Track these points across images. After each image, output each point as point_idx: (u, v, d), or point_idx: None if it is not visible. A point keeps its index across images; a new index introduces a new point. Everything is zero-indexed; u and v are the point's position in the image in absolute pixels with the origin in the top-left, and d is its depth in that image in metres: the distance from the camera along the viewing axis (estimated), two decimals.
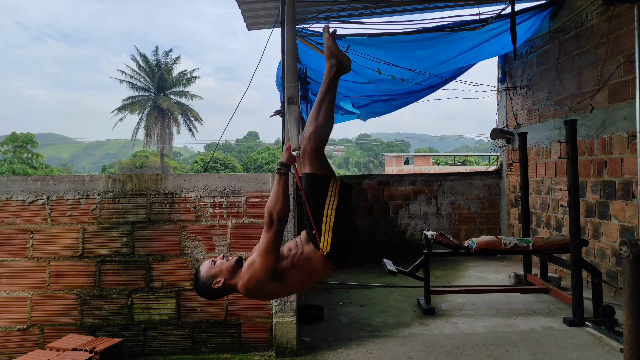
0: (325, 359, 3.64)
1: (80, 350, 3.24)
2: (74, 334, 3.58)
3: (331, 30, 2.40)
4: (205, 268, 2.31)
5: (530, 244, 4.88)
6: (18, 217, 3.66)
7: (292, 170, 2.44)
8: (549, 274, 5.64)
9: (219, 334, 3.74)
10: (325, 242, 2.23)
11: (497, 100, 8.14)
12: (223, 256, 2.34)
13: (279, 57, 5.10)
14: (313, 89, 7.06)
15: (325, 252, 2.23)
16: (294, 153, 2.38)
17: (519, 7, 5.84)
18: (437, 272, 6.57)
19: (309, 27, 6.06)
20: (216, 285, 2.25)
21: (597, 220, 5.41)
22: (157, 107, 44.94)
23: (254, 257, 2.23)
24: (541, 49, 6.68)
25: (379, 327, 4.37)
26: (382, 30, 6.04)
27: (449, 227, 7.92)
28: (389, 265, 4.90)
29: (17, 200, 3.66)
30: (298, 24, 5.96)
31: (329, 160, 2.42)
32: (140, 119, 45.33)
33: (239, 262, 2.30)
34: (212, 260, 2.32)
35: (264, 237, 2.21)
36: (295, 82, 2.52)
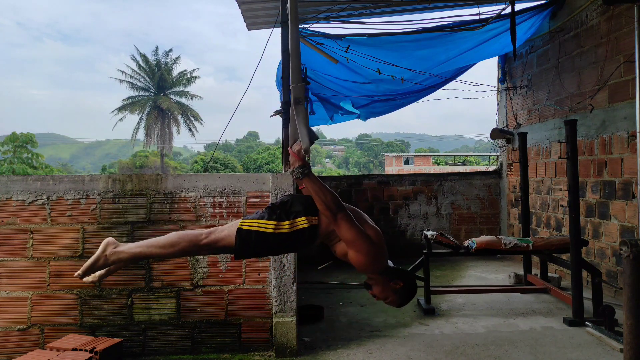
0: (325, 359, 3.64)
1: (80, 350, 3.24)
2: (74, 334, 3.58)
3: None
4: (400, 294, 2.48)
5: (530, 244, 4.88)
6: (18, 217, 3.65)
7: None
8: (549, 274, 5.65)
9: (219, 334, 3.74)
10: (302, 223, 2.44)
11: (497, 100, 8.14)
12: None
13: (279, 57, 5.10)
14: (313, 89, 7.06)
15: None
16: (304, 152, 2.42)
17: (519, 7, 5.84)
18: (437, 272, 6.57)
19: (309, 27, 6.06)
20: (398, 286, 2.44)
21: (597, 220, 5.41)
22: (157, 107, 44.93)
23: (352, 251, 2.36)
24: (541, 49, 6.68)
25: (379, 327, 4.37)
26: (382, 30, 6.04)
27: (449, 227, 7.92)
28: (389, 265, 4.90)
29: (17, 200, 3.66)
30: (298, 24, 5.95)
31: (214, 227, 2.60)
32: (140, 119, 45.34)
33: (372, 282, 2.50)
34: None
35: (341, 229, 2.34)
36: (301, 83, 2.53)
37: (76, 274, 2.52)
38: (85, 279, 2.59)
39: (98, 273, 2.60)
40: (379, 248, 2.39)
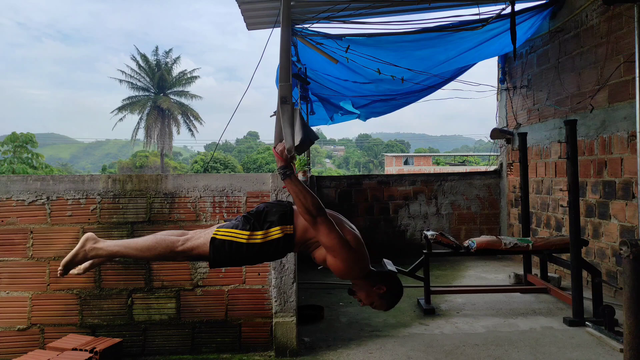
0: (325, 359, 3.64)
1: (80, 350, 3.24)
2: (74, 334, 3.58)
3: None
4: (384, 298, 2.51)
5: (530, 244, 4.88)
6: (18, 217, 3.65)
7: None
8: (549, 274, 5.64)
9: (219, 334, 3.74)
10: (275, 233, 2.43)
11: (497, 100, 8.14)
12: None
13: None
14: (313, 89, 7.06)
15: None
16: (287, 153, 2.40)
17: (519, 7, 5.84)
18: (437, 272, 6.57)
19: (309, 27, 6.06)
20: (381, 291, 2.46)
21: (597, 220, 5.41)
22: (157, 107, 44.93)
23: (330, 256, 2.34)
24: (541, 49, 6.68)
25: (378, 327, 4.37)
26: (382, 30, 6.04)
27: (449, 227, 7.92)
28: (389, 265, 4.87)
29: (17, 200, 3.66)
30: (298, 24, 5.96)
31: (189, 233, 2.62)
32: (140, 118, 45.36)
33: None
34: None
35: (320, 234, 2.31)
36: (288, 82, 2.53)
37: (58, 272, 2.54)
38: (70, 272, 2.60)
39: (83, 266, 2.61)
40: (358, 254, 2.35)
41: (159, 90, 46.49)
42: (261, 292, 3.75)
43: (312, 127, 3.06)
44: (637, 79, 4.55)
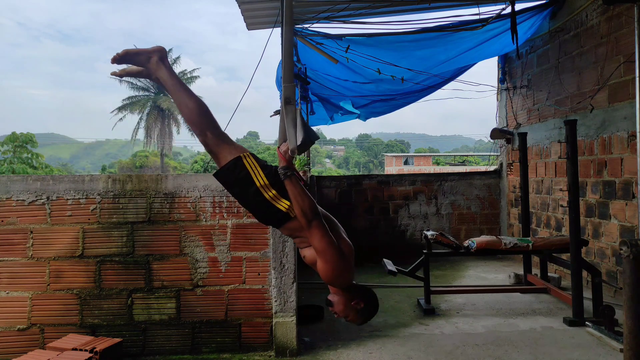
0: (325, 359, 3.64)
1: (80, 350, 3.24)
2: (74, 334, 3.58)
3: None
4: (360, 313, 2.39)
5: (530, 244, 4.88)
6: (18, 217, 3.65)
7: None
8: (549, 274, 5.65)
9: (219, 334, 3.74)
10: (283, 204, 2.36)
11: (497, 100, 8.14)
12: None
13: (279, 57, 5.11)
14: (313, 89, 7.06)
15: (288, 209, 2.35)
16: (290, 154, 2.40)
17: (519, 7, 5.83)
18: (437, 272, 6.57)
19: (309, 27, 6.06)
20: (359, 306, 2.35)
21: (597, 220, 5.41)
22: (157, 107, 44.91)
23: (321, 260, 2.28)
24: (541, 49, 6.68)
25: (379, 327, 4.37)
26: (382, 30, 6.04)
27: (449, 227, 7.92)
28: (389, 265, 4.90)
29: (17, 200, 3.66)
30: (298, 24, 5.96)
31: (231, 139, 2.52)
32: (140, 118, 45.33)
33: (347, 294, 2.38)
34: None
35: (313, 237, 2.28)
36: (292, 83, 2.53)
37: (115, 54, 2.37)
38: (114, 73, 2.48)
39: (128, 68, 2.49)
40: (348, 263, 2.33)
41: (159, 90, 46.45)
42: (261, 292, 3.75)
43: (312, 127, 3.06)
44: (637, 79, 4.55)
